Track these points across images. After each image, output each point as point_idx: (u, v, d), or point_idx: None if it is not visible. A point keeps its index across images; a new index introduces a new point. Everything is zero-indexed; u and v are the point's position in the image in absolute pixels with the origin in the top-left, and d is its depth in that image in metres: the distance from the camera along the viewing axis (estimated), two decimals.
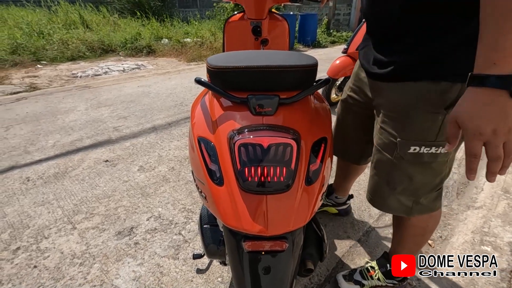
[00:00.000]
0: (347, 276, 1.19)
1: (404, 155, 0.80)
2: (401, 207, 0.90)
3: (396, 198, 0.89)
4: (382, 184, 0.90)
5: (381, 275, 1.14)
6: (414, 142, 0.78)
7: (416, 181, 0.84)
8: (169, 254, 1.36)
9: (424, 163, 0.80)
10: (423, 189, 0.86)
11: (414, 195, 0.87)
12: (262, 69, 0.73)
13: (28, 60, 4.88)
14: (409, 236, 1.02)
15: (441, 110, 0.73)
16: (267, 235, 0.67)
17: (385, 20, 0.76)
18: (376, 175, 0.92)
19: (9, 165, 2.07)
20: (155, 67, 5.18)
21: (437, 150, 0.77)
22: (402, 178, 0.84)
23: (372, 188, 0.95)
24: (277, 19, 1.44)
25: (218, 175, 0.71)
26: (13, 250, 1.38)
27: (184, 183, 1.89)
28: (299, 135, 0.71)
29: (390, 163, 0.84)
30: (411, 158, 0.80)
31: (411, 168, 0.82)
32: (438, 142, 0.76)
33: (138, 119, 2.89)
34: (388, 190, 0.89)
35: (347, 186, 1.49)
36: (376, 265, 1.17)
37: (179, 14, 9.07)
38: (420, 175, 0.83)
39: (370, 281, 1.15)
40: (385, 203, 0.92)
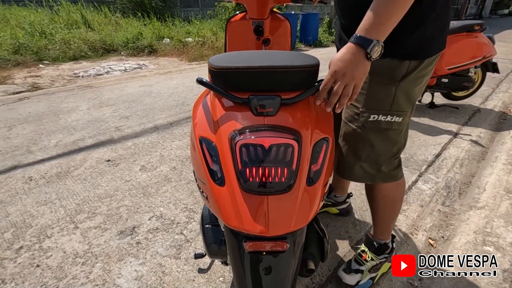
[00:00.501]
0: (347, 269, 1.23)
1: (366, 124, 0.92)
2: (365, 175, 1.01)
3: (361, 166, 1.00)
4: (349, 154, 1.00)
5: (372, 254, 1.22)
6: (373, 111, 0.90)
7: (377, 148, 0.96)
8: (171, 253, 1.37)
9: (382, 130, 0.93)
10: (383, 156, 0.98)
11: (375, 162, 0.98)
12: (264, 69, 0.73)
13: (30, 60, 4.91)
14: (381, 205, 1.13)
15: (393, 83, 0.86)
16: (268, 236, 0.67)
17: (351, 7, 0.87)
18: (344, 146, 1.02)
19: (12, 164, 2.08)
20: (157, 66, 5.19)
21: (392, 119, 0.90)
22: (365, 145, 0.96)
23: (339, 159, 1.05)
24: (279, 18, 1.44)
25: (220, 175, 0.71)
26: (16, 249, 1.39)
27: (185, 183, 1.90)
28: (300, 136, 0.71)
29: (355, 133, 0.96)
30: (371, 125, 0.92)
31: (371, 135, 0.94)
32: (392, 111, 0.90)
33: (140, 118, 2.90)
34: (354, 159, 1.00)
35: (345, 184, 1.51)
36: (365, 247, 1.25)
37: (181, 14, 9.07)
38: (379, 142, 0.95)
39: (366, 265, 1.21)
40: (352, 172, 1.02)
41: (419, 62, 0.84)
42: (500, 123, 2.91)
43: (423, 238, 1.48)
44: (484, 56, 2.85)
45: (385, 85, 0.87)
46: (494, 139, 2.56)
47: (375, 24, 0.66)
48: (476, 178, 1.98)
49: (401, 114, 0.91)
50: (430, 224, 1.56)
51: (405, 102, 0.90)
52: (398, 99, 0.88)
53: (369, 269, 1.20)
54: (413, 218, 1.61)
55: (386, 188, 1.08)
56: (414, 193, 1.81)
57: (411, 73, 0.85)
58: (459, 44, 2.78)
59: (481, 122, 2.88)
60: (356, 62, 0.68)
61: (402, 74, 0.85)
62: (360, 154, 0.98)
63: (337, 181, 1.50)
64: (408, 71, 0.84)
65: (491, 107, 3.29)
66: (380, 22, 0.66)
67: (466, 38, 2.82)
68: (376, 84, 0.87)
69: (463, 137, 2.56)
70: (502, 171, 2.04)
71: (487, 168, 2.09)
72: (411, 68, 0.84)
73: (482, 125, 2.82)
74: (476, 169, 2.09)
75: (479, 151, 2.33)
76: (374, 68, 0.81)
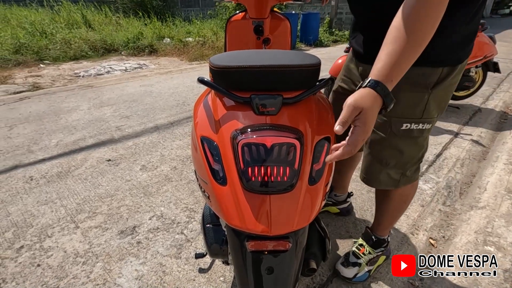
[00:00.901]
0: (345, 262, 1.25)
1: (397, 132, 0.91)
2: (390, 181, 1.02)
3: (387, 173, 1.00)
4: (375, 162, 1.00)
5: (370, 248, 1.25)
6: (405, 119, 0.89)
7: (406, 155, 0.96)
8: (171, 253, 1.37)
9: (413, 138, 0.92)
10: (410, 162, 0.99)
11: (402, 168, 0.99)
12: (266, 68, 0.73)
13: (31, 60, 4.91)
14: (393, 204, 1.14)
15: (426, 90, 0.84)
16: (270, 235, 0.67)
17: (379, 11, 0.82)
18: (370, 154, 1.02)
19: (12, 164, 2.08)
20: (157, 66, 5.19)
21: (423, 126, 0.90)
22: (394, 153, 0.96)
23: (366, 167, 1.05)
24: (279, 18, 1.44)
25: (221, 174, 0.71)
26: (17, 248, 1.39)
27: (186, 183, 1.90)
28: (302, 135, 0.71)
29: (383, 141, 0.95)
30: (403, 134, 0.91)
31: (402, 143, 0.93)
32: (424, 119, 0.89)
33: (141, 118, 2.90)
34: (380, 166, 1.00)
35: (345, 183, 1.52)
36: (363, 241, 1.27)
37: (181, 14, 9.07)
38: (408, 149, 0.95)
39: (364, 258, 1.23)
40: (377, 179, 1.03)
41: (452, 68, 0.83)
42: (501, 123, 2.90)
43: (424, 238, 1.47)
44: (485, 55, 2.84)
45: (418, 93, 0.85)
46: (495, 139, 2.56)
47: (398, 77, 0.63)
48: (477, 178, 1.98)
49: (431, 121, 0.90)
50: (431, 224, 1.56)
51: (435, 109, 0.89)
52: (430, 107, 0.87)
53: (367, 262, 1.23)
54: (414, 218, 1.60)
55: (403, 189, 1.08)
56: (415, 193, 1.81)
57: (444, 80, 0.83)
58: None
59: (482, 122, 2.88)
60: (376, 111, 0.62)
61: (435, 81, 0.83)
62: (389, 161, 0.97)
63: (338, 180, 1.50)
64: (440, 78, 0.83)
65: (492, 107, 3.29)
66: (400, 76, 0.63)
67: None
68: (409, 92, 0.85)
69: (464, 137, 2.55)
70: (503, 171, 2.04)
71: (488, 168, 2.09)
72: (444, 74, 0.82)
73: (483, 125, 2.82)
74: (477, 169, 2.09)
75: (480, 151, 2.33)
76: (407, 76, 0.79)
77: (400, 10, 0.63)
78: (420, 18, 0.60)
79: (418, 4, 0.60)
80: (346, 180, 1.51)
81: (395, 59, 0.62)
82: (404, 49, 0.61)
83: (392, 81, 0.63)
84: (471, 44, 0.83)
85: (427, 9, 0.59)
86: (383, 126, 0.93)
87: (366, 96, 0.61)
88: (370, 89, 0.62)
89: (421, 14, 0.60)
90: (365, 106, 0.60)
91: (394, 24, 0.63)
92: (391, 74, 0.62)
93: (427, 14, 0.60)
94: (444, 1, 0.59)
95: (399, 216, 1.20)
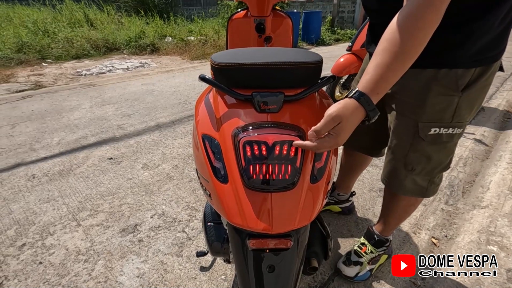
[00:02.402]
0: (346, 261, 1.25)
1: (425, 137, 0.87)
2: (416, 188, 0.98)
3: (413, 179, 0.96)
4: (399, 167, 0.96)
5: (372, 247, 1.24)
6: (434, 124, 0.84)
7: (434, 161, 0.91)
8: (172, 251, 1.37)
9: (442, 143, 0.88)
10: (438, 168, 0.94)
11: (430, 174, 0.95)
12: (267, 66, 0.73)
13: (34, 59, 4.92)
14: (402, 207, 1.11)
15: (456, 93, 0.79)
16: (272, 233, 0.66)
17: None
18: (393, 159, 0.98)
19: (15, 162, 2.09)
20: (159, 65, 5.19)
21: (453, 131, 0.85)
22: (421, 158, 0.91)
23: (389, 172, 1.02)
24: (280, 16, 1.43)
25: (223, 172, 0.70)
26: (19, 246, 1.39)
27: (187, 181, 1.90)
28: (304, 133, 0.70)
29: (409, 146, 0.91)
30: (432, 139, 0.87)
31: (430, 148, 0.89)
32: (454, 123, 0.84)
33: (142, 117, 2.90)
34: (405, 172, 0.96)
35: (350, 183, 1.51)
36: (365, 240, 1.27)
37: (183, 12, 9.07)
38: (437, 155, 0.90)
39: (365, 257, 1.23)
40: (402, 185, 0.99)
41: (486, 67, 0.78)
42: (505, 122, 2.88)
43: (426, 237, 1.47)
44: None
45: (448, 96, 0.80)
46: (498, 138, 2.54)
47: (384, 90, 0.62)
48: (480, 177, 1.97)
49: (462, 125, 0.86)
50: (433, 223, 1.55)
51: (467, 113, 0.84)
52: (461, 111, 0.82)
53: (368, 261, 1.23)
54: (416, 217, 1.59)
55: (408, 200, 1.06)
56: None
57: (476, 81, 0.78)
58: None
59: (485, 121, 2.86)
60: (356, 121, 0.62)
61: (466, 83, 0.78)
62: (415, 166, 0.93)
63: (342, 180, 1.49)
64: (472, 79, 0.78)
65: (495, 106, 3.27)
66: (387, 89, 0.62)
67: None
68: (438, 96, 0.81)
69: (467, 136, 2.54)
70: (506, 170, 2.02)
71: (491, 167, 2.08)
72: (476, 76, 0.78)
73: (486, 124, 2.80)
74: (480, 168, 2.08)
75: (483, 150, 2.32)
76: (435, 79, 0.78)
77: (392, 22, 0.62)
78: (411, 31, 0.58)
79: (410, 17, 0.59)
80: (352, 181, 1.50)
81: (382, 72, 0.60)
82: (392, 61, 0.60)
83: (378, 94, 0.62)
84: (504, 43, 0.78)
85: (419, 22, 0.58)
86: (408, 131, 0.89)
87: (348, 106, 0.61)
88: (353, 100, 0.61)
89: (412, 27, 0.58)
90: (344, 117, 0.60)
91: (384, 36, 0.62)
92: (378, 86, 0.61)
93: (418, 27, 0.58)
94: (437, 17, 0.58)
95: (405, 218, 1.18)
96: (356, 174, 1.46)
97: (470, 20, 0.68)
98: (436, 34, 0.64)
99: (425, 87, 0.79)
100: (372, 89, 0.61)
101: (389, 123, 0.96)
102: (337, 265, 1.26)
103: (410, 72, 0.75)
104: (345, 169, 1.44)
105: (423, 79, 0.77)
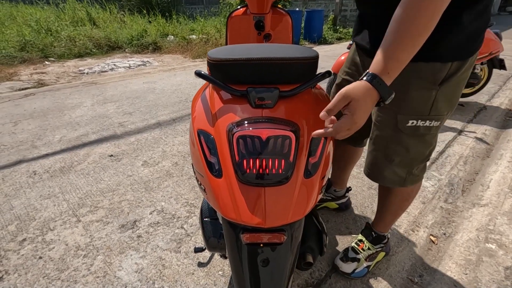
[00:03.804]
0: (344, 257, 1.25)
1: (403, 129, 0.90)
2: (396, 178, 1.01)
3: (393, 170, 0.99)
4: (380, 157, 1.00)
5: (369, 244, 1.25)
6: (412, 116, 0.87)
7: (412, 152, 0.94)
8: (171, 247, 1.38)
9: (420, 135, 0.91)
10: (416, 160, 0.97)
11: (408, 165, 0.98)
12: (262, 61, 0.73)
13: (37, 57, 4.96)
14: (396, 202, 1.13)
15: (434, 87, 0.83)
16: (265, 227, 0.67)
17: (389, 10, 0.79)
18: (375, 150, 1.01)
19: (17, 159, 2.11)
20: (161, 63, 5.21)
21: (430, 123, 0.88)
22: (400, 150, 0.94)
23: (370, 163, 1.05)
24: (280, 13, 1.43)
25: (217, 167, 0.71)
26: (20, 241, 1.41)
27: (187, 178, 1.91)
28: (298, 128, 0.71)
29: (389, 137, 0.94)
30: (410, 131, 0.90)
31: (408, 140, 0.92)
32: (432, 116, 0.87)
33: (143, 115, 2.92)
34: (385, 162, 0.99)
35: (345, 177, 1.51)
36: (363, 237, 1.28)
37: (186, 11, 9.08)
38: (415, 147, 0.93)
39: (363, 253, 1.24)
40: (381, 175, 1.02)
41: (462, 62, 0.81)
42: (506, 120, 2.86)
43: (425, 234, 1.46)
44: (491, 52, 2.80)
45: (425, 89, 0.83)
46: (500, 136, 2.53)
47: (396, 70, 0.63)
48: (480, 175, 1.96)
49: (439, 118, 0.88)
50: (432, 221, 1.55)
51: (445, 106, 0.87)
52: (438, 104, 0.85)
53: (366, 258, 1.23)
54: (415, 214, 1.59)
55: (400, 191, 1.08)
56: None
57: (453, 75, 0.81)
58: None
59: (486, 120, 2.85)
60: (371, 102, 0.63)
61: (443, 77, 0.81)
62: (394, 158, 0.96)
63: (338, 175, 1.50)
64: (449, 73, 0.81)
65: (497, 105, 3.25)
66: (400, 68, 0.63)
67: None
68: (416, 89, 0.84)
69: (468, 134, 2.53)
70: (507, 169, 2.01)
71: (492, 165, 2.07)
72: (452, 70, 0.81)
73: (488, 122, 2.79)
74: (480, 166, 2.07)
75: (484, 149, 2.30)
76: (414, 72, 0.80)
77: (401, 3, 0.62)
78: (420, 10, 0.59)
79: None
80: (346, 175, 1.50)
81: (392, 51, 0.62)
82: (402, 40, 0.61)
83: (389, 74, 0.62)
84: (480, 39, 0.81)
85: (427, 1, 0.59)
86: (388, 122, 0.92)
87: (359, 88, 0.62)
88: (366, 82, 0.62)
89: (421, 6, 0.59)
90: (355, 97, 0.61)
91: (393, 17, 0.63)
92: (388, 66, 0.62)
93: (427, 6, 0.59)
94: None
95: (401, 213, 1.20)
96: (348, 168, 1.47)
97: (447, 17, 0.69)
98: None
99: (406, 80, 0.81)
100: (383, 69, 0.62)
101: (371, 114, 0.99)
102: (334, 262, 1.27)
103: None
104: (337, 163, 1.45)
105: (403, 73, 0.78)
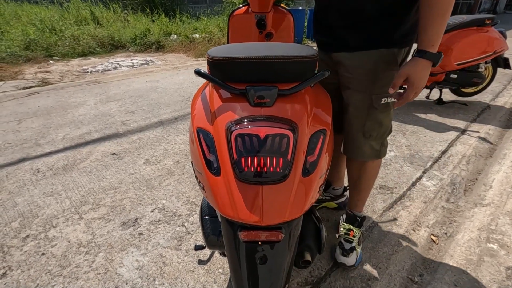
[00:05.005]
0: (344, 252, 1.26)
1: (378, 106, 1.04)
2: (373, 152, 1.14)
3: (370, 144, 1.12)
4: (359, 136, 1.11)
5: (356, 229, 1.31)
6: (384, 95, 1.02)
7: (384, 126, 1.10)
8: (172, 245, 1.39)
9: (388, 110, 1.07)
10: (386, 132, 1.13)
11: (381, 137, 1.12)
12: (261, 59, 0.73)
13: (41, 56, 5.00)
14: (370, 176, 1.24)
15: (396, 68, 0.99)
16: (263, 225, 0.67)
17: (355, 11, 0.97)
18: (353, 130, 1.12)
19: (20, 157, 2.13)
20: (164, 62, 5.23)
21: (391, 99, 1.04)
22: (375, 125, 1.08)
23: (349, 142, 1.16)
24: (282, 12, 1.43)
25: (216, 165, 0.71)
26: (23, 238, 1.43)
27: (188, 176, 1.91)
28: (296, 126, 0.71)
29: (365, 116, 1.07)
30: (382, 107, 1.05)
31: (380, 115, 1.07)
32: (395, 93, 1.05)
33: (146, 113, 2.93)
34: (363, 139, 1.11)
35: (341, 174, 1.53)
36: (349, 225, 1.32)
37: (189, 10, 9.09)
38: (385, 120, 1.09)
39: (355, 240, 1.28)
40: (361, 151, 1.14)
41: (409, 48, 1.03)
42: (510, 120, 2.84)
43: (425, 234, 1.46)
44: (495, 51, 2.78)
45: (392, 70, 0.99)
46: (504, 136, 2.50)
47: (437, 41, 0.84)
48: (482, 175, 1.95)
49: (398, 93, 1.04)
50: (433, 221, 1.55)
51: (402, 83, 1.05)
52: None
53: (358, 243, 1.29)
54: (416, 214, 1.59)
55: (371, 165, 1.20)
56: (418, 189, 1.79)
57: (406, 58, 1.03)
58: (468, 38, 2.72)
59: (490, 119, 2.82)
60: (427, 73, 0.87)
61: (401, 59, 1.01)
62: (371, 133, 1.10)
63: (334, 173, 1.51)
64: (403, 57, 1.01)
65: (501, 104, 3.22)
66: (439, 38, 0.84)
67: (476, 32, 2.74)
68: (383, 71, 0.99)
69: (471, 134, 2.51)
70: (510, 169, 2.00)
71: (495, 165, 2.05)
72: (405, 54, 1.01)
73: (492, 122, 2.76)
74: (483, 166, 2.05)
75: (487, 148, 2.29)
76: (380, 58, 0.98)
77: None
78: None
79: None
80: (342, 171, 1.51)
81: (429, 28, 0.83)
82: (435, 19, 0.82)
83: (433, 45, 0.84)
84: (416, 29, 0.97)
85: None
86: (364, 103, 1.05)
87: (415, 65, 0.86)
88: (419, 58, 0.85)
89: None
90: (409, 72, 0.87)
91: (423, 4, 0.83)
92: (432, 40, 0.84)
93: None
94: None
95: (372, 186, 1.30)
96: (342, 162, 1.47)
97: (400, 9, 0.91)
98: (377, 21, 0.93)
99: (375, 65, 0.99)
100: (428, 44, 0.84)
101: (345, 101, 1.11)
102: (336, 259, 1.26)
103: (363, 55, 0.99)
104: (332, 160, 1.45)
105: (372, 58, 0.98)
